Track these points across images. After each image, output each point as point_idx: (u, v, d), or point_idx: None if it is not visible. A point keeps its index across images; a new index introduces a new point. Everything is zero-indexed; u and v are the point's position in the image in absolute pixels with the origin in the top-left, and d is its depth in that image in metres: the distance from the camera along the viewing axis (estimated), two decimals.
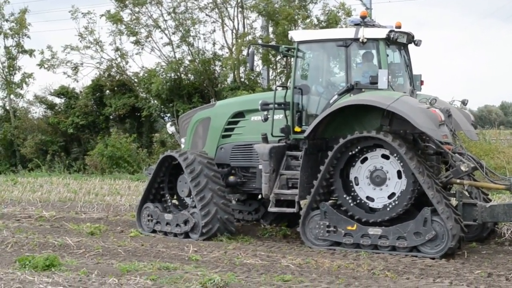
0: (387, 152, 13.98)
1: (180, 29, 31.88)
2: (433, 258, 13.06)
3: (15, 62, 36.78)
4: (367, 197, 14.22)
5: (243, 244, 14.77)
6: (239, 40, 30.53)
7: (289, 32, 16.02)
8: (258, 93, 15.15)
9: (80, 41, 33.60)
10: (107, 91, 35.17)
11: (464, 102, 15.60)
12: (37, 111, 38.17)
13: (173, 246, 14.40)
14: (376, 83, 14.20)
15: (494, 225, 15.18)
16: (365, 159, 14.23)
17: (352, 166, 14.32)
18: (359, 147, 14.09)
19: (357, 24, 14.60)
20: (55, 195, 23.36)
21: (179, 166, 15.94)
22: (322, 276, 11.61)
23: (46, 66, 34.12)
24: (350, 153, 14.15)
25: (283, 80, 30.57)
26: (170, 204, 16.58)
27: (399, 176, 13.87)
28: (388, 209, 13.93)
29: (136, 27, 32.48)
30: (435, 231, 13.33)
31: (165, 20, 32.29)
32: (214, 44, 32.14)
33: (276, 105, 15.18)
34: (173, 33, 32.23)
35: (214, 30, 32.00)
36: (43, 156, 35.13)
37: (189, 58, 32.43)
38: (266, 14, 29.81)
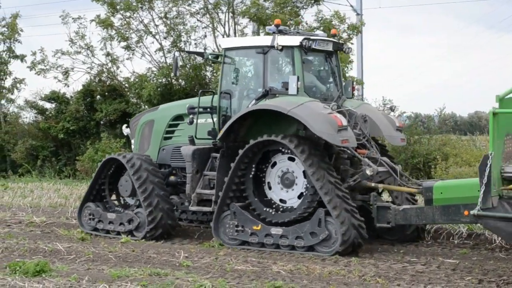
0: (292, 155, 14.60)
1: (172, 34, 31.85)
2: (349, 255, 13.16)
3: (6, 67, 36.70)
4: (280, 200, 14.97)
5: (234, 250, 14.77)
6: None
7: (219, 39, 17.12)
8: (198, 97, 16.41)
9: (71, 46, 33.56)
10: (98, 96, 35.05)
11: (391, 108, 16.54)
12: (28, 116, 38.08)
13: (164, 252, 14.40)
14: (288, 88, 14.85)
15: (422, 227, 15.73)
16: (275, 163, 15.03)
17: (263, 171, 15.12)
18: (266, 151, 14.94)
19: (274, 32, 15.17)
20: (46, 200, 23.29)
21: (120, 168, 16.90)
22: (313, 282, 11.63)
23: (37, 70, 34.00)
24: (259, 158, 15.01)
25: None
26: (112, 203, 17.23)
27: (305, 176, 14.52)
28: (295, 207, 14.71)
29: (127, 32, 32.44)
30: (328, 231, 14.10)
31: (156, 25, 32.27)
32: (205, 49, 32.10)
33: (202, 109, 16.10)
34: (164, 38, 32.20)
35: (205, 36, 31.97)
36: (34, 162, 35.04)
37: (180, 63, 32.33)
38: (257, 19, 29.79)
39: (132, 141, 18.44)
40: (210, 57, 17.23)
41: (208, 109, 16.02)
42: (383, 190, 15.58)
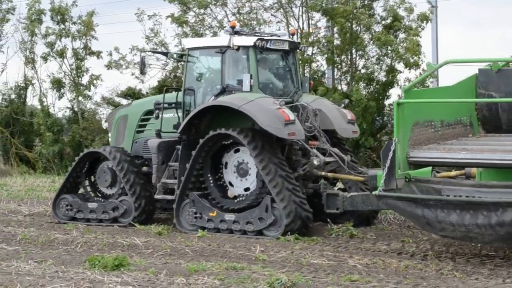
0: (244, 147, 15.80)
1: (245, 29, 31.88)
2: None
3: (83, 64, 37.19)
4: (229, 182, 16.19)
5: (309, 244, 14.78)
6: (304, 40, 30.46)
7: (183, 39, 18.47)
8: (168, 93, 17.79)
9: (147, 43, 33.86)
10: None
11: (344, 103, 17.90)
12: (105, 113, 38.43)
13: (240, 246, 14.49)
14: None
15: (374, 214, 16.84)
16: (238, 150, 16.15)
17: (226, 151, 16.26)
18: (222, 145, 16.17)
19: (230, 33, 16.42)
20: None
21: (95, 161, 18.33)
22: (390, 276, 11.58)
23: (113, 66, 34.49)
24: (216, 150, 16.19)
25: (348, 80, 30.51)
26: (89, 194, 18.48)
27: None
28: (245, 196, 15.92)
29: (201, 29, 32.60)
30: (274, 216, 15.30)
31: (230, 21, 32.31)
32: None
33: (166, 105, 17.27)
34: None
35: (279, 30, 31.91)
36: None
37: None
38: (326, 13, 29.63)
39: (109, 134, 19.64)
40: (174, 56, 18.97)
41: (173, 105, 17.25)
42: (337, 179, 16.97)
